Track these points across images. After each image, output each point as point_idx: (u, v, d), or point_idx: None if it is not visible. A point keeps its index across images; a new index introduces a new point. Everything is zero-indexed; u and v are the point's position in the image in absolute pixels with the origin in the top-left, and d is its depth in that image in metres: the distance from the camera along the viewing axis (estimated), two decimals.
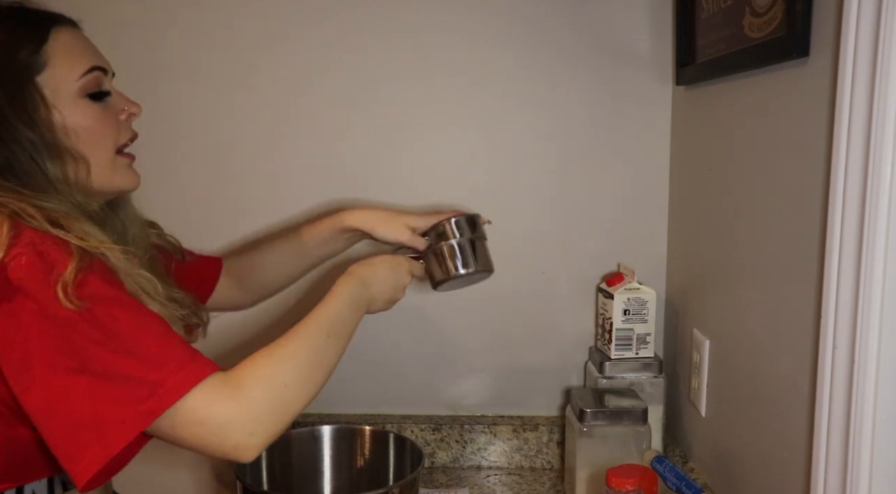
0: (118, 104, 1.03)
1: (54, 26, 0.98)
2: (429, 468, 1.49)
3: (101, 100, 1.00)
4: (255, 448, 0.87)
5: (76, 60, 0.98)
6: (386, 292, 1.12)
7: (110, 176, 1.01)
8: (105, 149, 1.00)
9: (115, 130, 1.01)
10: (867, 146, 0.77)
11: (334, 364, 0.98)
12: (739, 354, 1.15)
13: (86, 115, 0.98)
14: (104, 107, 1.00)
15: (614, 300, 1.39)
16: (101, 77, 1.00)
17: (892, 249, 0.76)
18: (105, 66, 1.01)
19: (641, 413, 1.27)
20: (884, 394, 0.79)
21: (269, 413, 0.88)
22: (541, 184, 1.49)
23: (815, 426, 0.87)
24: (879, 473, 0.80)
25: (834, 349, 0.83)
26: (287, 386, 0.90)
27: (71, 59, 0.98)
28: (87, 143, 0.98)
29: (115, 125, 1.02)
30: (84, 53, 0.99)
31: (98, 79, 1.00)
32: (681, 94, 1.42)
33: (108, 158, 1.01)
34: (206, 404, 0.84)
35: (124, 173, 1.04)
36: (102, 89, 1.00)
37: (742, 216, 1.13)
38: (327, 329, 0.98)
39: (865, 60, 0.76)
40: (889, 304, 0.77)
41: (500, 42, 1.45)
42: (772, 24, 0.98)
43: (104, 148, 1.00)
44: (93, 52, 1.01)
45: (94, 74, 0.99)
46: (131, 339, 0.84)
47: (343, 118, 1.47)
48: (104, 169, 1.00)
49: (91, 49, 1.01)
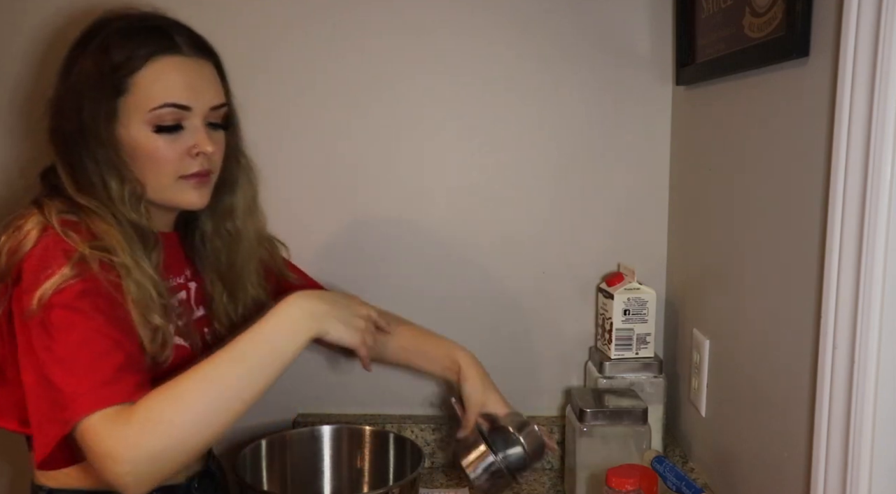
0: (191, 140, 1.04)
1: (156, 55, 1.01)
2: (429, 468, 1.49)
3: (170, 132, 1.03)
4: (134, 486, 0.88)
5: (156, 93, 1.01)
6: (340, 305, 1.03)
7: (169, 195, 1.06)
8: (163, 176, 1.04)
9: (176, 162, 1.04)
10: (867, 146, 0.77)
11: (255, 392, 0.94)
12: (739, 354, 1.15)
13: (147, 144, 1.02)
14: (172, 139, 1.03)
15: (614, 300, 1.39)
16: (176, 113, 1.02)
17: (892, 249, 0.76)
18: (187, 103, 1.03)
19: (641, 414, 1.26)
20: (884, 394, 0.79)
21: (152, 455, 0.87)
22: (541, 183, 1.49)
23: (815, 426, 0.87)
24: (879, 473, 0.80)
25: (834, 349, 0.83)
26: (179, 425, 0.89)
27: (152, 90, 1.01)
28: (145, 169, 1.03)
29: (179, 157, 1.04)
30: (167, 88, 1.02)
31: (172, 114, 1.02)
32: (681, 94, 1.42)
33: (166, 183, 1.05)
34: (95, 432, 0.87)
35: (185, 193, 1.07)
36: (171, 124, 1.02)
37: (742, 216, 1.13)
38: (237, 357, 0.94)
39: (865, 60, 0.76)
40: (889, 304, 0.77)
41: (501, 42, 1.45)
42: (772, 24, 0.98)
43: (163, 175, 1.04)
44: (178, 89, 1.03)
45: (168, 110, 1.02)
46: (71, 350, 0.91)
47: (344, 117, 1.47)
48: (162, 189, 1.05)
49: (181, 84, 1.03)
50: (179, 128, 1.04)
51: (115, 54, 1.01)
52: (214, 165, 1.09)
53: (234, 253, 1.19)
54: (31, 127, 1.44)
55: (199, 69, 1.05)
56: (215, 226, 1.18)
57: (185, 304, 1.14)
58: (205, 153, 1.06)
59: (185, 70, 1.04)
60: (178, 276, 1.15)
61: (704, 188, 1.30)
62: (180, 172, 1.05)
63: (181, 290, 1.15)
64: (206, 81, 1.06)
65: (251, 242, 1.20)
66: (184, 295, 1.15)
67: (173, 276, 1.13)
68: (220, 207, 1.17)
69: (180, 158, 1.05)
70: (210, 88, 1.07)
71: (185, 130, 1.04)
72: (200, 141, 1.05)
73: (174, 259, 1.14)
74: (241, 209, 1.18)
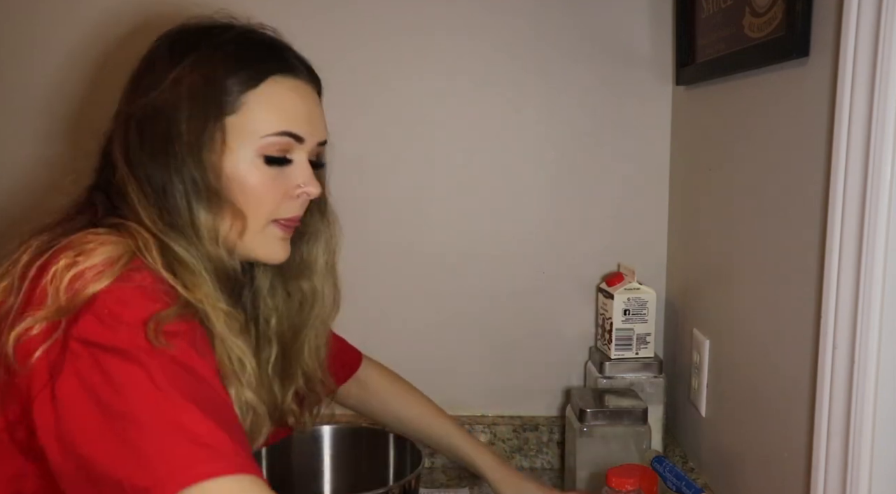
0: (298, 178, 0.93)
1: (275, 74, 0.90)
2: (429, 468, 1.49)
3: (279, 165, 0.91)
4: None
5: (272, 118, 0.90)
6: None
7: (255, 242, 0.92)
8: (260, 215, 0.91)
9: (277, 201, 0.91)
10: (867, 146, 0.77)
11: None
12: (739, 354, 1.15)
13: (253, 175, 0.89)
14: (279, 173, 0.91)
15: (614, 300, 1.39)
16: (289, 144, 0.91)
17: (892, 249, 0.76)
18: (302, 134, 0.91)
19: (641, 413, 1.26)
20: (884, 394, 0.79)
21: None
22: (541, 183, 1.49)
23: (815, 426, 0.87)
24: (879, 473, 0.80)
25: (834, 349, 0.83)
26: None
27: (268, 113, 0.90)
28: (244, 203, 0.89)
29: (281, 196, 0.92)
30: (285, 113, 0.91)
31: (284, 145, 0.91)
32: (681, 94, 1.42)
33: (257, 227, 0.91)
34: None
35: (269, 243, 0.93)
36: (284, 157, 0.91)
37: (742, 216, 1.13)
38: None
39: (865, 60, 0.76)
40: (889, 304, 0.77)
41: (501, 42, 1.45)
42: (772, 24, 0.98)
43: (259, 214, 0.91)
44: (296, 116, 0.91)
45: (283, 140, 0.90)
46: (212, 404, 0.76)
47: (343, 118, 1.46)
48: (252, 233, 0.91)
49: (299, 111, 0.92)
50: (287, 162, 0.92)
51: (228, 67, 0.88)
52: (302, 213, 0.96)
53: (302, 319, 1.04)
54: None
55: (312, 96, 0.95)
56: (282, 283, 1.03)
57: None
58: (308, 194, 0.93)
59: (303, 95, 0.93)
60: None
61: (704, 188, 1.30)
62: (276, 215, 0.92)
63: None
64: (319, 111, 0.96)
65: (327, 308, 1.05)
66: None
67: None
68: (293, 261, 1.01)
69: (281, 198, 0.92)
70: (322, 120, 0.96)
71: (292, 166, 0.92)
72: (307, 179, 0.93)
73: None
74: (320, 265, 1.04)
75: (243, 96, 0.88)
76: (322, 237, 1.04)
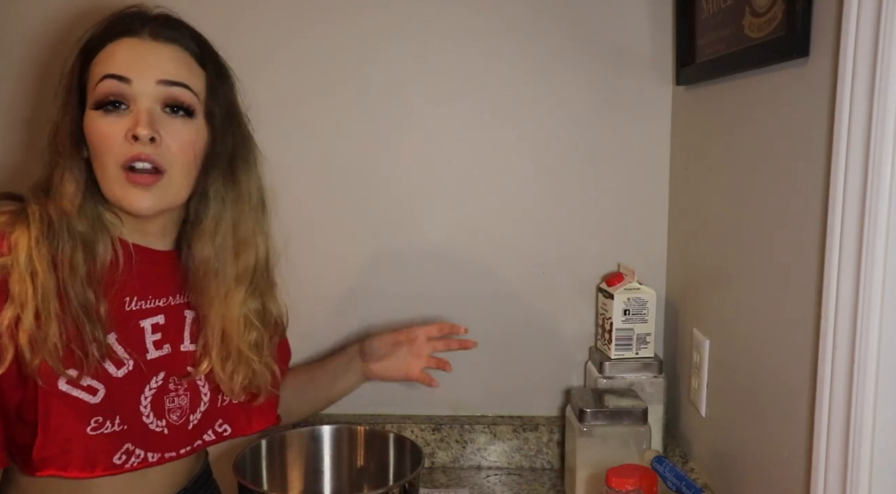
0: (132, 120, 0.96)
1: (113, 40, 0.98)
2: (429, 468, 1.49)
3: (113, 110, 0.97)
4: None
5: (99, 69, 0.97)
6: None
7: (115, 191, 0.98)
8: (107, 165, 0.97)
9: (117, 146, 0.96)
10: (867, 146, 0.77)
11: None
12: (739, 354, 1.15)
13: (92, 124, 0.97)
14: (117, 120, 0.96)
15: (614, 300, 1.39)
16: (113, 86, 0.96)
17: (892, 249, 0.76)
18: (126, 74, 0.96)
19: (641, 414, 1.26)
20: (884, 394, 0.79)
21: None
22: (541, 183, 1.49)
23: (815, 426, 0.87)
24: (879, 473, 0.80)
25: (834, 349, 0.83)
26: None
27: (98, 68, 0.97)
28: (95, 159, 0.98)
29: (120, 141, 0.96)
30: (110, 61, 0.97)
31: (110, 87, 0.96)
32: (681, 94, 1.42)
33: (111, 175, 0.97)
34: None
35: (126, 191, 0.97)
36: (113, 100, 0.96)
37: (742, 216, 1.13)
38: None
39: (865, 60, 0.76)
40: (889, 304, 0.77)
41: (501, 42, 1.45)
42: (772, 24, 0.98)
43: (106, 163, 0.97)
44: (120, 60, 0.97)
45: (106, 82, 0.96)
46: None
47: (344, 119, 1.47)
48: (109, 183, 0.98)
49: (125, 56, 0.97)
50: (121, 105, 0.96)
51: (86, 44, 0.99)
52: (168, 161, 0.98)
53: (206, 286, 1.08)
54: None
55: (155, 49, 0.98)
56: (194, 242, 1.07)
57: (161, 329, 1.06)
58: (138, 136, 0.95)
59: (135, 46, 0.98)
60: (159, 298, 1.07)
61: (704, 188, 1.30)
62: (120, 160, 0.96)
63: (157, 314, 1.06)
64: (159, 58, 0.98)
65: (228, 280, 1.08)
66: (160, 319, 1.06)
67: (152, 297, 1.06)
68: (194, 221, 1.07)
69: (121, 142, 0.95)
70: (163, 64, 0.98)
71: (130, 111, 0.96)
72: (137, 121, 0.95)
73: (160, 279, 1.07)
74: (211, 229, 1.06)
75: (91, 65, 0.98)
76: (218, 199, 1.05)
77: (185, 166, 1.00)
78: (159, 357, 1.06)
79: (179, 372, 1.08)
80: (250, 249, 1.09)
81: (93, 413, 0.99)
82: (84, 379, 0.98)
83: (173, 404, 1.08)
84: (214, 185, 1.05)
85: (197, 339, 1.10)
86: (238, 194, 1.07)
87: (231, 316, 1.08)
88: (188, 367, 1.09)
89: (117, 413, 1.01)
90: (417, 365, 1.33)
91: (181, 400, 1.08)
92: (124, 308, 1.03)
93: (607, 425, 1.26)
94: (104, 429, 1.00)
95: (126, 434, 1.02)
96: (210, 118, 1.03)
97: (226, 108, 1.05)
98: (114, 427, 1.01)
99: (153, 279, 1.06)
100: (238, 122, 1.08)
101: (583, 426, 1.27)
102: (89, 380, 0.98)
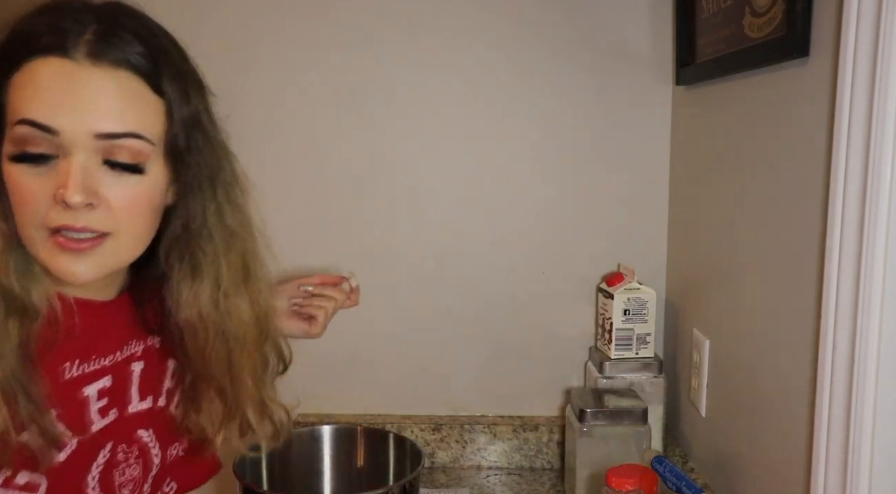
0: (60, 179, 0.75)
1: (36, 56, 0.75)
2: (429, 468, 1.49)
3: (34, 163, 0.75)
4: None
5: (18, 105, 0.75)
6: None
7: (40, 253, 0.78)
8: (24, 222, 0.77)
9: (39, 205, 0.76)
10: (867, 146, 0.77)
11: None
12: (739, 354, 1.15)
13: (5, 172, 0.77)
14: (39, 173, 0.75)
15: (614, 300, 1.39)
16: (32, 135, 0.74)
17: (892, 249, 0.76)
18: (52, 124, 0.74)
19: (641, 413, 1.27)
20: (884, 394, 0.79)
21: None
22: (541, 184, 1.49)
23: (815, 425, 0.87)
24: (879, 473, 0.80)
25: (834, 349, 0.83)
26: None
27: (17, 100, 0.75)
28: (11, 203, 0.77)
29: (45, 200, 0.76)
30: (32, 99, 0.74)
31: (26, 136, 0.74)
32: (681, 94, 1.42)
33: (31, 234, 0.78)
34: None
35: (51, 258, 0.77)
36: (34, 153, 0.75)
37: (742, 216, 1.13)
38: None
39: (865, 60, 0.77)
40: (889, 304, 0.77)
41: (500, 43, 1.45)
42: (772, 24, 0.98)
43: (23, 220, 0.77)
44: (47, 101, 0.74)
45: (23, 130, 0.74)
46: None
47: (341, 120, 1.46)
48: (31, 243, 0.78)
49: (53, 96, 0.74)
50: (46, 159, 0.75)
51: (4, 52, 0.77)
52: (111, 223, 0.78)
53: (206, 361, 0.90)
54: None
55: (92, 80, 0.75)
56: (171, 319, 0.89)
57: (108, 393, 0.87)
58: (67, 202, 0.74)
59: (64, 77, 0.74)
60: (105, 357, 0.88)
61: (704, 188, 1.30)
62: (45, 222, 0.76)
63: (102, 376, 0.87)
64: (97, 96, 0.75)
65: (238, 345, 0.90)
66: (106, 382, 0.87)
67: (95, 357, 0.86)
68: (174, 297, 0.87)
69: (46, 203, 0.75)
70: (103, 107, 0.75)
71: (57, 164, 0.75)
72: (65, 183, 0.74)
73: (105, 334, 0.88)
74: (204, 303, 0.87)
75: (7, 83, 0.76)
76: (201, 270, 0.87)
77: (135, 227, 0.81)
78: (105, 425, 0.88)
79: (128, 438, 0.91)
80: (263, 291, 0.94)
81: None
82: (20, 475, 0.79)
83: (124, 476, 0.91)
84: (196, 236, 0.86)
85: (150, 393, 0.93)
86: (232, 231, 0.89)
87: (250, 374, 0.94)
88: (138, 430, 0.92)
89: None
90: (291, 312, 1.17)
91: (132, 471, 0.92)
92: (63, 376, 0.83)
93: (607, 425, 1.26)
94: None
95: None
96: (175, 152, 0.81)
97: (193, 131, 0.83)
98: None
99: (96, 335, 0.87)
100: (213, 144, 0.86)
101: (583, 426, 1.27)
102: (27, 476, 0.79)
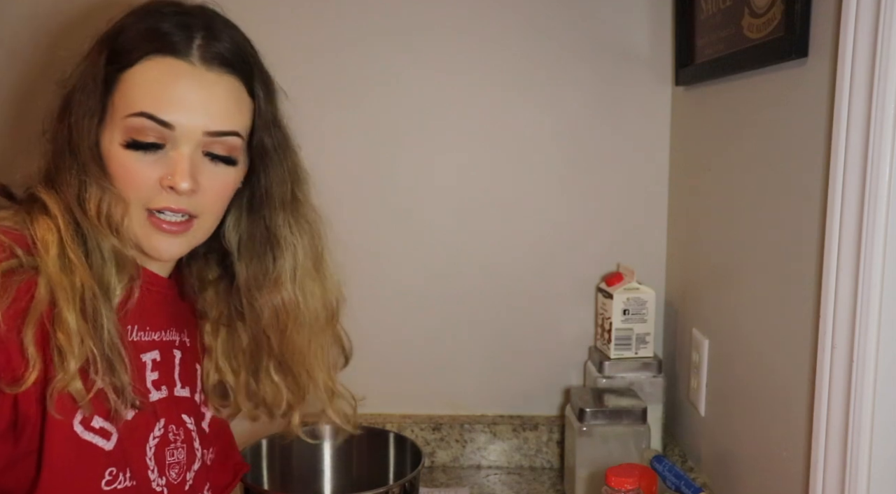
0: (169, 167, 0.85)
1: (153, 55, 0.84)
2: (429, 467, 1.49)
3: (145, 151, 0.84)
4: None
5: (135, 98, 0.84)
6: None
7: (137, 230, 0.86)
8: (133, 202, 0.85)
9: (147, 189, 0.85)
10: (866, 146, 0.77)
11: None
12: (739, 354, 1.15)
13: (114, 157, 0.85)
14: (152, 160, 0.84)
15: (614, 300, 1.39)
16: (149, 127, 0.83)
17: (890, 249, 0.76)
18: (169, 119, 0.83)
19: (641, 413, 1.27)
20: (882, 394, 0.79)
21: None
22: (540, 184, 1.49)
23: (813, 425, 0.87)
24: (878, 472, 0.80)
25: (833, 348, 0.83)
26: None
27: (134, 93, 0.84)
28: (118, 185, 0.85)
29: (152, 185, 0.85)
30: (149, 95, 0.83)
31: (141, 127, 0.83)
32: (680, 95, 1.42)
33: (132, 212, 0.86)
34: None
35: (147, 236, 0.87)
36: (144, 141, 0.84)
37: (742, 216, 1.14)
38: None
39: (864, 61, 0.77)
40: (887, 304, 0.77)
41: (500, 43, 1.45)
42: (771, 24, 0.99)
43: (131, 199, 0.85)
44: (163, 98, 0.84)
45: (139, 121, 0.83)
46: None
47: (344, 118, 1.47)
48: (131, 220, 0.86)
49: (169, 93, 0.84)
50: (157, 148, 0.84)
51: (118, 46, 0.85)
52: (201, 207, 0.88)
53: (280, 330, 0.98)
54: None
55: (205, 83, 0.85)
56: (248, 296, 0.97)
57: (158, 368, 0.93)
58: (172, 186, 0.84)
59: (182, 78, 0.84)
60: (155, 332, 0.94)
61: (704, 188, 1.30)
62: (147, 204, 0.85)
63: (153, 349, 0.93)
64: (210, 99, 0.85)
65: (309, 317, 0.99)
66: (156, 355, 0.93)
67: (149, 329, 0.93)
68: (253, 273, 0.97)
69: (152, 187, 0.85)
70: (214, 109, 0.86)
71: (166, 153, 0.85)
72: (175, 171, 0.84)
73: (156, 309, 0.94)
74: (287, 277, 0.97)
75: (121, 75, 0.84)
76: (286, 247, 0.97)
77: (218, 210, 0.92)
78: (159, 400, 0.93)
79: (177, 419, 0.95)
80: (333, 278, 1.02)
81: (107, 463, 0.85)
82: (96, 419, 0.84)
83: (173, 458, 0.94)
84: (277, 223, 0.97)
85: (188, 384, 0.98)
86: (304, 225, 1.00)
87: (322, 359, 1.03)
88: (183, 414, 0.97)
89: (128, 465, 0.87)
90: None
91: (179, 454, 0.95)
92: (128, 337, 0.88)
93: (607, 424, 1.27)
94: (118, 485, 0.86)
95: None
96: (258, 147, 0.93)
97: (275, 130, 0.95)
98: (126, 483, 0.86)
99: (151, 308, 0.93)
100: (288, 140, 0.98)
101: (582, 425, 1.27)
102: (101, 422, 0.84)
